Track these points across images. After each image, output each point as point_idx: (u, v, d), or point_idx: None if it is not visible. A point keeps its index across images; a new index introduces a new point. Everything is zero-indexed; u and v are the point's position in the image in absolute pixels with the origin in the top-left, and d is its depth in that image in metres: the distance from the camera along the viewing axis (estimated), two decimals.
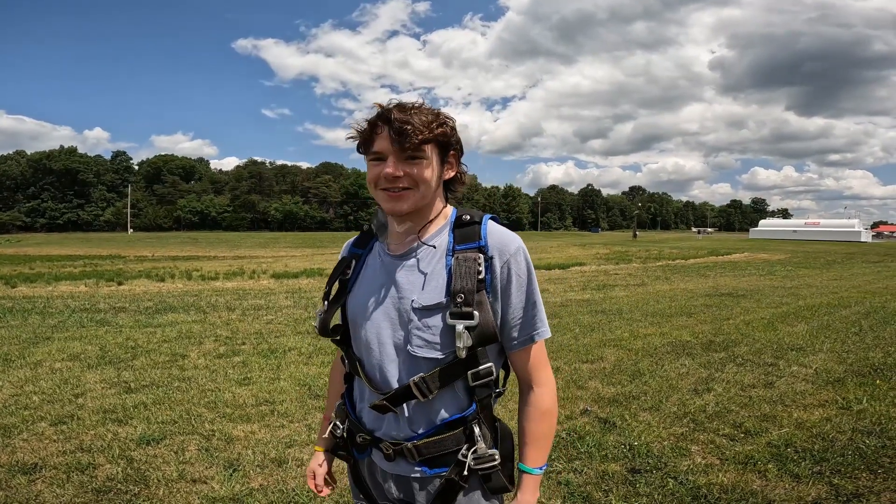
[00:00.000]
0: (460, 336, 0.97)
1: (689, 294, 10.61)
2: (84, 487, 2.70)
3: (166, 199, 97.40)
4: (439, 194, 1.13)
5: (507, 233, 1.07)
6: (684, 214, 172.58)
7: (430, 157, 1.05)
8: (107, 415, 3.70)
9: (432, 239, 1.09)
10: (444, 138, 1.05)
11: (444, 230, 1.10)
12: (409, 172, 1.03)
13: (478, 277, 1.00)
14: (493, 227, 1.08)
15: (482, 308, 0.99)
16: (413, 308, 1.03)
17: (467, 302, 0.98)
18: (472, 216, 1.09)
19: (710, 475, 2.86)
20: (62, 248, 36.53)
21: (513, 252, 1.04)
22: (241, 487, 2.71)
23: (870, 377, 4.68)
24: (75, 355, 5.37)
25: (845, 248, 36.83)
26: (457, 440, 1.03)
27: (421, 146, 1.02)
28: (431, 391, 1.01)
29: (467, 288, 0.98)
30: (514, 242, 1.05)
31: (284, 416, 3.73)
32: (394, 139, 1.01)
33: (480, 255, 1.02)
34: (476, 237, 1.05)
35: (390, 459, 1.07)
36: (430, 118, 1.03)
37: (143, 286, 12.20)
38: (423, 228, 1.10)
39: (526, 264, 1.06)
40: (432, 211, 1.11)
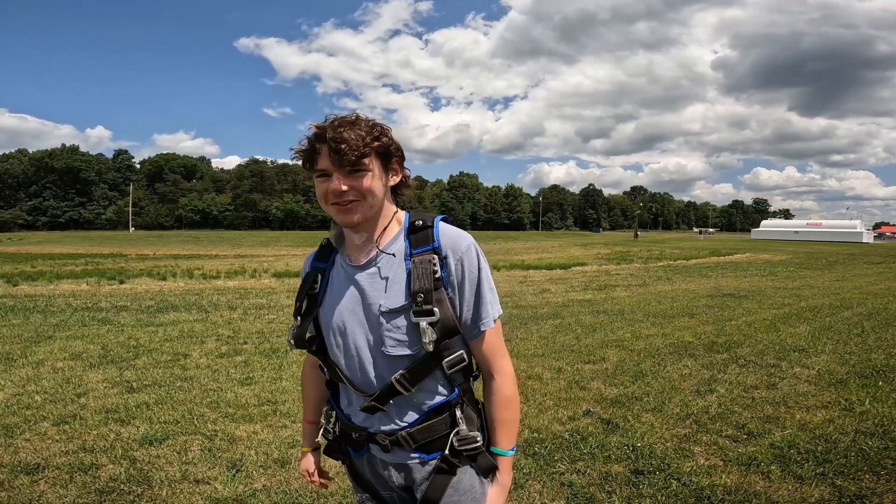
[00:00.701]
0: (424, 332, 1.06)
1: (691, 295, 10.60)
2: (87, 488, 2.70)
3: (168, 197, 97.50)
4: (388, 200, 1.19)
5: (458, 232, 1.14)
6: (686, 214, 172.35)
7: (373, 168, 1.10)
8: (109, 414, 3.70)
9: (390, 246, 1.16)
10: (382, 149, 1.11)
11: (399, 236, 1.16)
12: (353, 186, 1.09)
13: (434, 276, 1.08)
14: (443, 228, 1.14)
15: (441, 304, 1.07)
16: (381, 312, 1.11)
17: (427, 300, 1.06)
18: (425, 220, 1.15)
19: (713, 476, 2.85)
20: (64, 246, 36.56)
21: (464, 250, 1.11)
22: (244, 488, 2.71)
23: (872, 379, 4.67)
24: (77, 354, 5.38)
25: (847, 249, 36.77)
26: (445, 424, 1.13)
27: (361, 160, 1.07)
28: (413, 384, 1.10)
29: (425, 287, 1.07)
30: (464, 241, 1.12)
31: (287, 416, 3.73)
32: (333, 158, 1.07)
33: (435, 255, 1.10)
34: (430, 240, 1.12)
35: (387, 450, 1.15)
36: (365, 132, 1.08)
37: (145, 285, 12.21)
38: (380, 236, 1.17)
39: (476, 260, 1.13)
40: (383, 218, 1.17)
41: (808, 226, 77.95)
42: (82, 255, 25.64)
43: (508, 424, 1.18)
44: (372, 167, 1.10)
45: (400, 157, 1.17)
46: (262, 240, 48.83)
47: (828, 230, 71.61)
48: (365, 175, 1.09)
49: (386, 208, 1.17)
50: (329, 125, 1.09)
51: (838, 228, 72.30)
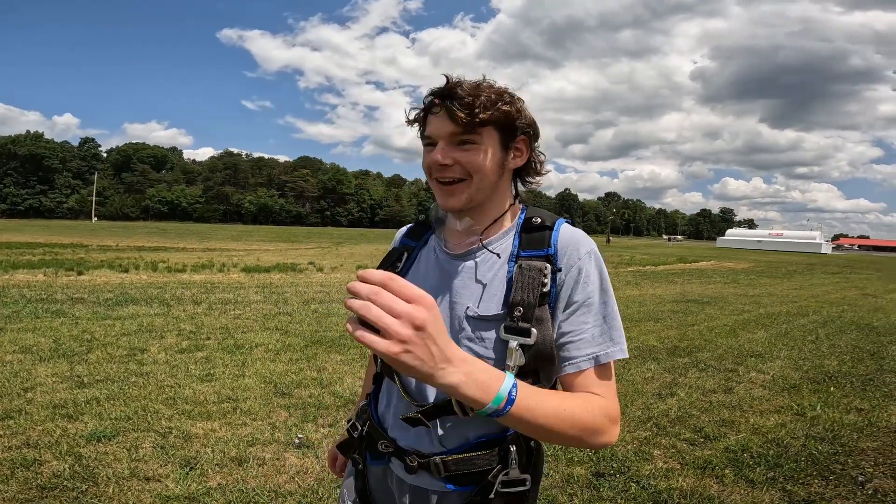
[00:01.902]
0: (511, 353, 0.85)
1: (658, 300, 10.83)
2: (28, 484, 2.57)
3: (135, 187, 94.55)
4: (506, 188, 0.99)
5: (580, 236, 0.94)
6: (656, 221, 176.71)
7: (486, 143, 0.91)
8: (56, 410, 3.54)
9: (496, 242, 0.97)
10: (503, 120, 0.90)
11: (510, 232, 0.97)
12: (459, 160, 0.91)
13: (542, 290, 0.87)
14: (565, 231, 0.94)
15: (542, 325, 0.86)
16: (467, 316, 0.91)
17: (525, 317, 0.85)
18: (544, 219, 0.95)
19: (670, 480, 2.90)
20: (21, 234, 34.95)
21: (582, 255, 0.90)
22: (197, 486, 2.62)
23: (824, 384, 4.86)
24: (27, 348, 5.13)
25: (806, 259, 38.25)
26: (488, 460, 0.91)
27: (474, 129, 0.89)
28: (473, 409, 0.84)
29: (527, 301, 0.86)
30: (585, 245, 0.92)
31: (248, 413, 3.63)
32: (443, 122, 0.90)
33: (548, 265, 0.89)
34: (545, 244, 0.92)
35: (412, 472, 0.96)
36: (491, 96, 0.89)
37: (105, 276, 11.76)
38: (487, 229, 0.98)
39: (598, 269, 0.92)
40: (496, 208, 0.98)
41: (770, 236, 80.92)
42: (41, 245, 24.54)
43: (554, 404, 0.81)
44: (485, 141, 0.91)
45: (529, 134, 0.96)
46: (233, 233, 47.73)
47: (789, 240, 74.48)
48: (475, 148, 0.91)
49: (500, 195, 0.98)
50: (453, 84, 0.90)
51: (799, 239, 75.24)
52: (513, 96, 0.93)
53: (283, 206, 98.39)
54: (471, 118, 0.88)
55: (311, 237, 44.88)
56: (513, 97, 0.93)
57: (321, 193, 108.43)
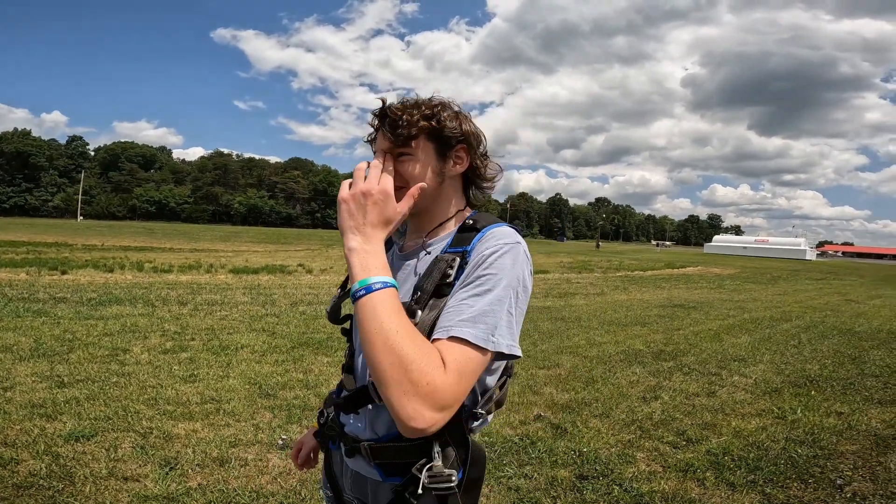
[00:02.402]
0: None
1: (645, 304, 10.92)
2: (4, 482, 2.53)
3: (122, 186, 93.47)
4: (451, 194, 1.05)
5: (500, 233, 0.95)
6: (645, 227, 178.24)
7: (420, 154, 0.99)
8: (35, 409, 3.48)
9: (438, 242, 1.03)
10: (434, 130, 0.98)
11: (451, 234, 1.02)
12: (399, 171, 0.99)
13: (444, 280, 0.91)
14: (492, 232, 0.96)
15: (431, 312, 0.88)
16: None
17: (418, 300, 0.90)
18: (477, 222, 0.99)
19: (652, 483, 2.92)
20: (5, 233, 34.31)
21: (489, 244, 0.92)
22: (176, 486, 2.59)
23: (805, 388, 4.92)
24: (7, 347, 5.04)
25: (791, 266, 38.81)
26: (415, 453, 0.94)
27: (406, 143, 0.97)
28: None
29: (426, 288, 0.91)
30: (500, 239, 0.93)
31: (231, 414, 3.60)
32: (385, 137, 0.99)
33: (458, 258, 0.93)
34: (466, 242, 0.95)
35: (349, 456, 1.05)
36: (418, 112, 0.98)
37: (89, 276, 11.59)
38: (433, 231, 1.05)
39: (498, 255, 0.90)
40: (441, 212, 1.04)
41: (756, 242, 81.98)
42: (24, 243, 24.12)
43: (391, 320, 0.81)
44: (419, 152, 0.98)
45: (468, 142, 1.02)
46: (221, 234, 47.29)
47: (774, 247, 75.54)
48: (409, 160, 0.98)
49: (444, 200, 1.04)
50: (382, 107, 1.00)
51: (784, 245, 76.35)
52: (446, 110, 1.01)
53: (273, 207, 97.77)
54: (397, 134, 0.97)
55: (301, 239, 44.63)
56: (444, 111, 1.00)
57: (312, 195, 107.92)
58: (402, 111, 0.97)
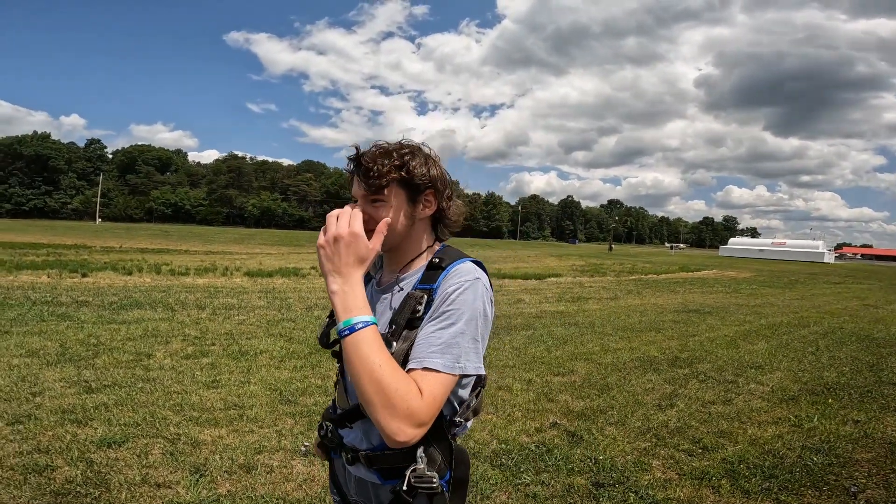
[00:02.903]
0: None
1: (659, 309, 10.88)
2: (42, 489, 2.63)
3: (139, 189, 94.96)
4: (421, 233, 1.17)
5: (462, 270, 1.08)
6: (659, 229, 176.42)
7: (392, 200, 1.10)
8: (66, 415, 3.61)
9: (410, 277, 1.15)
10: (405, 180, 1.09)
11: (421, 270, 1.15)
12: (372, 215, 1.09)
13: (414, 314, 1.04)
14: (455, 269, 1.08)
15: (404, 343, 1.03)
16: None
17: (393, 333, 1.04)
18: (443, 260, 1.11)
19: (668, 490, 2.96)
20: (25, 235, 35.12)
21: (453, 283, 1.05)
22: (207, 493, 2.69)
23: (822, 396, 4.90)
24: (34, 351, 5.20)
25: (809, 269, 38.22)
26: (403, 458, 1.08)
27: (379, 191, 1.08)
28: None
29: (399, 321, 1.05)
30: (461, 277, 1.06)
31: (254, 421, 3.70)
32: (359, 184, 1.10)
33: (425, 295, 1.06)
34: (433, 280, 1.08)
35: (350, 464, 1.17)
36: (388, 162, 1.07)
37: (109, 279, 11.85)
38: (406, 266, 1.17)
39: (463, 292, 1.03)
40: (412, 250, 1.17)
41: (772, 245, 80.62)
42: (44, 245, 24.67)
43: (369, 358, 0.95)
44: (391, 198, 1.09)
45: (436, 187, 1.13)
46: (235, 237, 47.85)
47: (791, 249, 74.23)
48: (382, 206, 1.09)
49: (414, 240, 1.16)
50: (365, 151, 1.10)
51: (801, 248, 75.00)
52: (416, 157, 1.10)
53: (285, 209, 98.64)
54: (370, 184, 1.08)
55: (314, 241, 44.68)
56: (414, 159, 1.10)
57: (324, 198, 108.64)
58: (374, 161, 1.07)
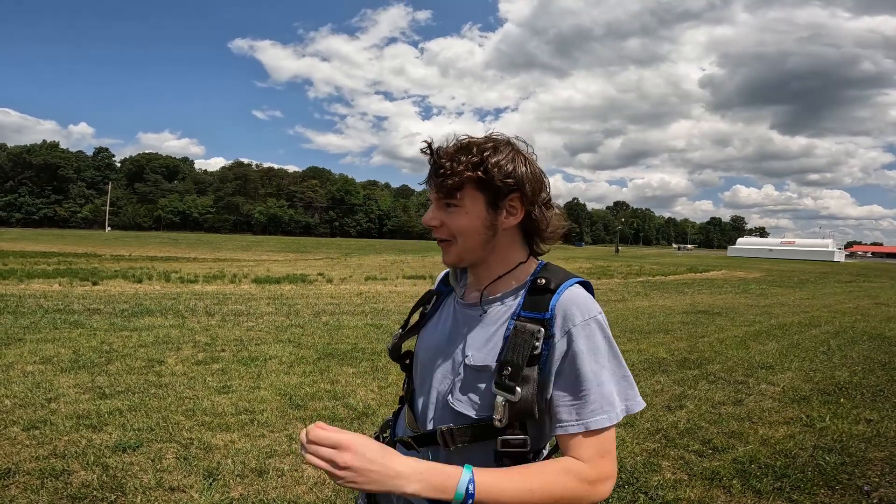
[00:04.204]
0: (498, 408, 0.90)
1: (667, 311, 10.83)
2: (59, 494, 2.68)
3: (147, 197, 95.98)
4: (508, 245, 1.00)
5: (583, 302, 0.93)
6: (666, 231, 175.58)
7: (468, 205, 0.94)
8: (80, 420, 3.66)
9: (502, 299, 1.00)
10: (483, 180, 0.93)
11: (520, 291, 0.99)
12: (445, 222, 0.96)
13: (532, 352, 0.90)
14: (568, 296, 0.94)
15: (527, 384, 0.90)
16: (465, 363, 0.98)
17: (512, 376, 0.89)
18: (550, 281, 0.96)
19: (678, 490, 2.96)
20: (36, 244, 35.58)
21: (578, 323, 0.91)
22: (220, 497, 2.72)
23: (834, 396, 4.87)
24: (48, 358, 5.28)
25: (819, 268, 37.84)
26: None
27: (452, 194, 0.94)
28: (455, 444, 0.95)
29: (516, 361, 0.90)
30: (584, 314, 0.92)
31: (265, 425, 3.73)
32: (432, 183, 0.96)
33: (541, 328, 0.91)
34: (544, 308, 0.93)
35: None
36: (466, 158, 0.92)
37: (119, 287, 11.98)
38: (493, 284, 1.01)
39: (595, 337, 0.91)
40: (499, 265, 1.01)
41: (781, 244, 79.91)
42: (55, 254, 24.99)
43: (522, 478, 0.85)
44: (466, 203, 0.94)
45: (523, 190, 0.95)
46: (242, 244, 48.18)
47: (801, 249, 73.53)
48: (456, 211, 0.95)
49: (502, 253, 1.00)
50: (442, 146, 0.97)
51: (811, 247, 74.28)
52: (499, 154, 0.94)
53: (292, 216, 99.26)
54: (440, 185, 0.93)
55: (320, 248, 45.21)
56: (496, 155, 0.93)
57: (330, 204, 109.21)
58: (448, 158, 0.93)
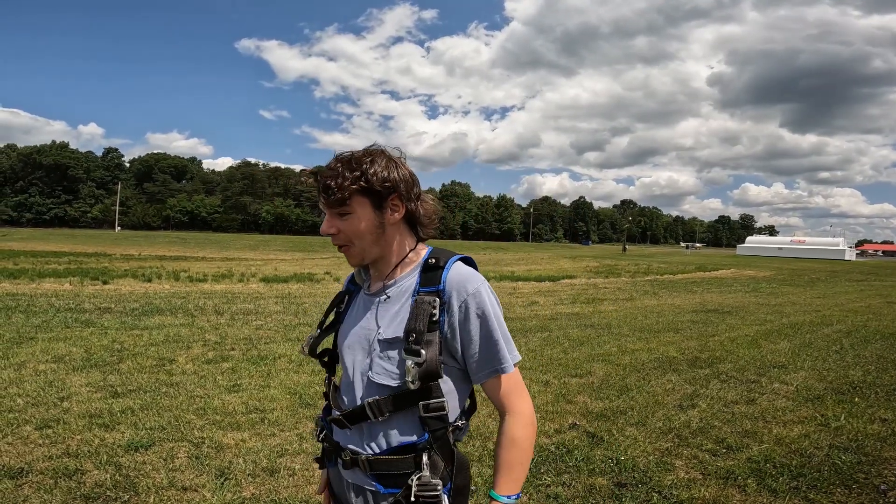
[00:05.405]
0: (409, 371, 1.06)
1: (677, 310, 10.75)
2: (72, 493, 2.69)
3: (156, 197, 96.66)
4: (396, 237, 1.17)
5: (469, 275, 1.12)
6: (674, 229, 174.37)
7: (358, 210, 1.10)
8: (93, 419, 3.68)
9: (400, 281, 1.17)
10: (366, 189, 1.09)
11: (415, 271, 1.17)
12: (341, 228, 1.12)
13: (431, 319, 1.07)
14: (455, 270, 1.12)
15: (430, 347, 1.06)
16: (378, 339, 1.13)
17: (417, 341, 1.05)
18: (438, 259, 1.14)
19: (692, 490, 2.92)
20: (47, 243, 35.96)
21: (470, 292, 1.10)
22: (232, 496, 2.72)
23: (849, 395, 4.81)
24: (60, 357, 5.32)
25: (830, 266, 37.45)
26: (407, 465, 1.09)
27: (342, 204, 1.09)
28: (383, 413, 1.09)
29: (419, 328, 1.06)
30: (472, 283, 1.11)
31: (275, 424, 3.74)
32: (322, 199, 1.12)
33: (436, 298, 1.09)
34: (437, 281, 1.11)
35: (347, 468, 1.15)
36: (349, 172, 1.08)
37: (130, 286, 12.07)
38: (391, 272, 1.18)
39: (483, 305, 1.10)
40: (394, 255, 1.17)
41: (791, 242, 79.07)
42: (66, 254, 25.23)
43: (511, 467, 1.12)
44: (356, 209, 1.10)
45: (401, 190, 1.12)
46: (250, 243, 48.42)
47: (811, 247, 72.76)
48: (349, 218, 1.11)
49: (395, 244, 1.17)
50: (327, 165, 1.12)
51: (821, 246, 73.48)
52: (376, 163, 1.09)
53: (299, 216, 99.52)
54: (331, 200, 1.09)
55: (327, 247, 45.25)
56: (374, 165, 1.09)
57: None
58: (332, 177, 1.08)
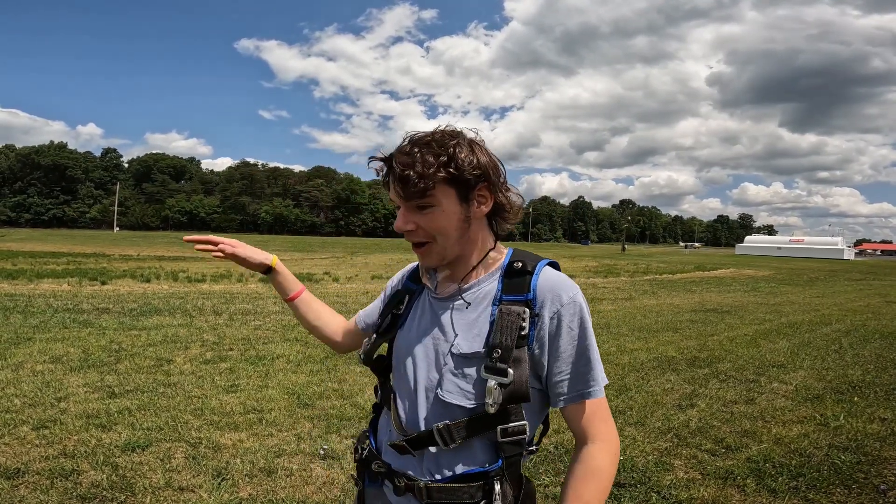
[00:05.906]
0: (490, 392, 0.90)
1: (676, 309, 10.75)
2: (69, 494, 2.67)
3: (155, 197, 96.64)
4: (478, 235, 1.02)
5: (562, 282, 0.97)
6: (673, 229, 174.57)
7: (443, 202, 0.94)
8: (90, 420, 3.66)
9: (481, 285, 1.01)
10: (453, 177, 0.92)
11: (494, 275, 1.01)
12: (420, 224, 0.96)
13: (520, 333, 0.92)
14: (545, 276, 0.97)
15: (518, 366, 0.91)
16: (451, 353, 0.98)
17: (503, 358, 0.91)
18: (526, 263, 0.99)
19: (691, 490, 2.92)
20: (45, 244, 35.86)
21: (565, 302, 0.95)
22: (229, 497, 2.71)
23: (848, 394, 4.80)
24: (57, 357, 5.30)
25: (828, 266, 37.48)
26: (472, 494, 0.95)
27: (423, 195, 0.92)
28: (455, 440, 0.94)
29: (505, 344, 0.91)
30: (566, 292, 0.96)
31: (273, 424, 3.72)
32: (398, 189, 0.94)
33: (526, 309, 0.94)
34: (525, 289, 0.96)
35: (399, 493, 1.01)
36: (433, 157, 0.91)
37: (128, 286, 12.04)
38: (469, 274, 1.02)
39: (579, 317, 0.96)
40: (474, 255, 1.02)
41: (790, 242, 79.22)
42: (64, 254, 25.16)
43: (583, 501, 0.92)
44: (441, 202, 0.93)
45: (490, 179, 0.96)
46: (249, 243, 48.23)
47: (810, 247, 72.86)
48: (432, 212, 0.94)
49: (475, 243, 1.02)
50: (399, 148, 0.95)
51: (820, 245, 73.61)
52: (460, 145, 0.93)
53: (298, 215, 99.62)
54: (411, 192, 0.92)
55: (326, 247, 45.29)
56: (459, 148, 0.93)
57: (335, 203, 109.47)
58: (409, 164, 0.91)
